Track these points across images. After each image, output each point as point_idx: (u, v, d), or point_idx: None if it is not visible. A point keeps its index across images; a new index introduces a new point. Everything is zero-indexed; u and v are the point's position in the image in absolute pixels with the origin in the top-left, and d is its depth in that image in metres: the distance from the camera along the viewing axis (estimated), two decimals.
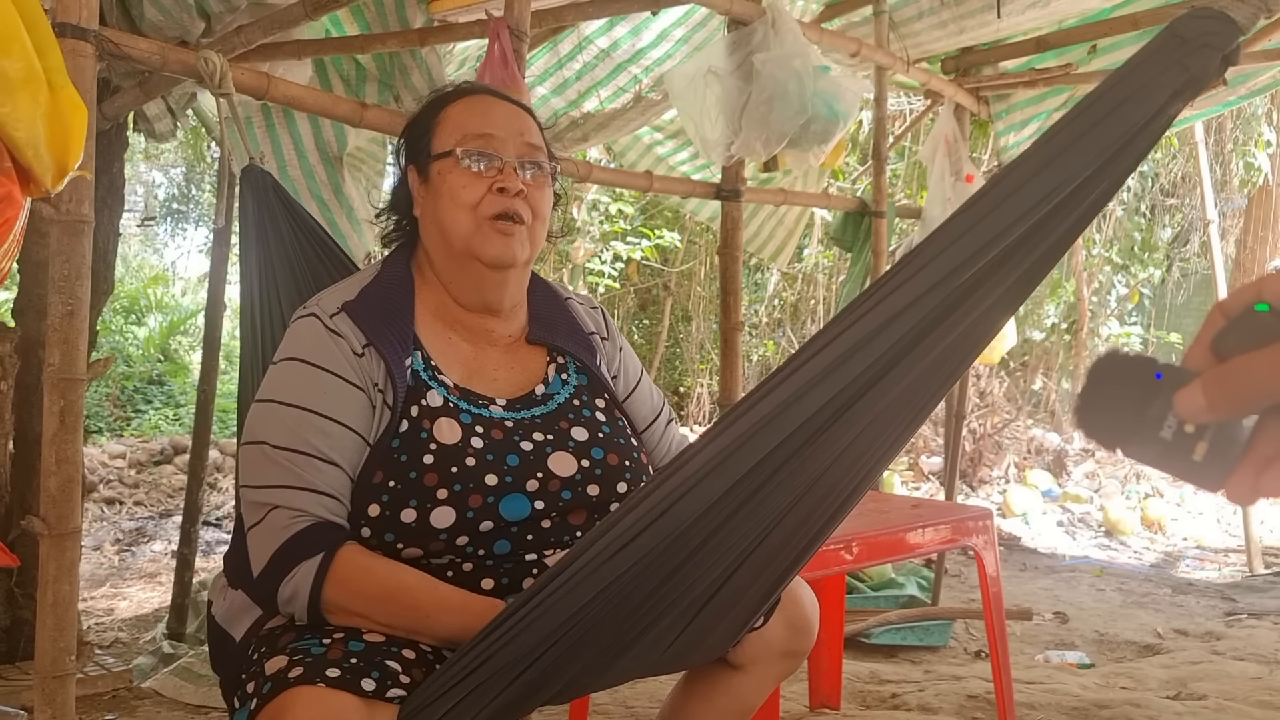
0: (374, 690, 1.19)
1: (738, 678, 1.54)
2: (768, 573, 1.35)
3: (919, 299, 1.09)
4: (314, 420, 1.36)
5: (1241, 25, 1.03)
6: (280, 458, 1.34)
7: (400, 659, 1.27)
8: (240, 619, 1.42)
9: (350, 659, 1.23)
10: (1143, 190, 9.10)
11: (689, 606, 1.29)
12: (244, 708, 1.23)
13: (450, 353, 1.49)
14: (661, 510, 1.16)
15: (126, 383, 8.92)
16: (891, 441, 1.29)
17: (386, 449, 1.36)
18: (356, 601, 1.30)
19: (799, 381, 1.13)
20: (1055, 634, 4.13)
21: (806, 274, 9.16)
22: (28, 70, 1.11)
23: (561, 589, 1.18)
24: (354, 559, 1.32)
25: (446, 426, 1.39)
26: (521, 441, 1.43)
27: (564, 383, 1.54)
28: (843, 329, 1.12)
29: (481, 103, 1.55)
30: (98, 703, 2.97)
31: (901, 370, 1.14)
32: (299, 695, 1.17)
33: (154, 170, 13.41)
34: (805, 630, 1.57)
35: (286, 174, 3.54)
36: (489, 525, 1.36)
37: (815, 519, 1.32)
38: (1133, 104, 1.05)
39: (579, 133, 4.24)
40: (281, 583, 1.30)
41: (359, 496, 1.36)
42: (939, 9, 3.79)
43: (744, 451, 1.14)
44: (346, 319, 1.43)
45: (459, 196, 1.46)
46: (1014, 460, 7.74)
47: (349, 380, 1.39)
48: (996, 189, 1.09)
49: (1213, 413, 0.58)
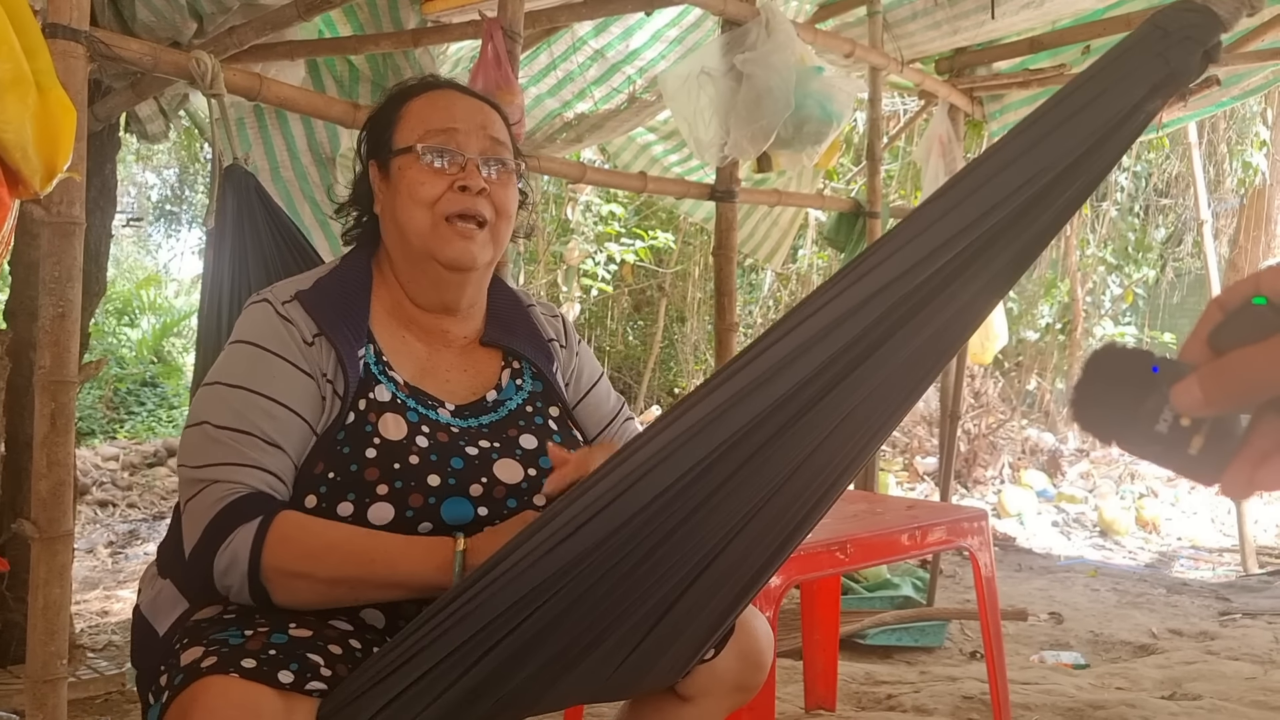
0: (292, 682, 1.13)
1: (685, 710, 1.46)
2: (726, 589, 1.28)
3: (890, 284, 1.05)
4: (260, 402, 1.31)
5: (1224, 20, 1.02)
6: (223, 437, 1.29)
7: (325, 653, 1.21)
8: (167, 611, 1.36)
9: (269, 650, 1.16)
10: (1136, 190, 9.13)
11: (640, 622, 1.22)
12: (157, 703, 1.17)
13: (403, 351, 1.46)
14: (617, 493, 1.10)
15: (119, 385, 8.91)
16: (863, 444, 1.22)
17: (331, 440, 1.32)
18: (297, 560, 1.24)
19: (759, 370, 1.07)
20: (1050, 634, 4.13)
21: (801, 275, 9.17)
22: (16, 72, 1.10)
23: (505, 575, 1.12)
24: (292, 519, 1.26)
25: (392, 422, 1.35)
26: (467, 446, 1.38)
27: (518, 388, 1.50)
28: (811, 312, 1.07)
29: (445, 97, 1.50)
30: (90, 706, 2.96)
31: (876, 361, 1.09)
32: (209, 685, 1.11)
33: (147, 171, 13.39)
34: (757, 665, 1.50)
35: (279, 175, 3.53)
36: (428, 527, 1.32)
37: (780, 527, 1.25)
38: (1112, 95, 1.04)
39: (573, 134, 4.24)
40: (218, 551, 1.24)
41: (298, 486, 1.32)
42: (933, 10, 3.80)
43: (708, 433, 1.08)
44: (299, 307, 1.39)
45: (417, 193, 1.42)
46: (1009, 461, 7.75)
47: (298, 366, 1.35)
48: (970, 176, 1.07)
49: (1209, 407, 0.58)
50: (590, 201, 8.41)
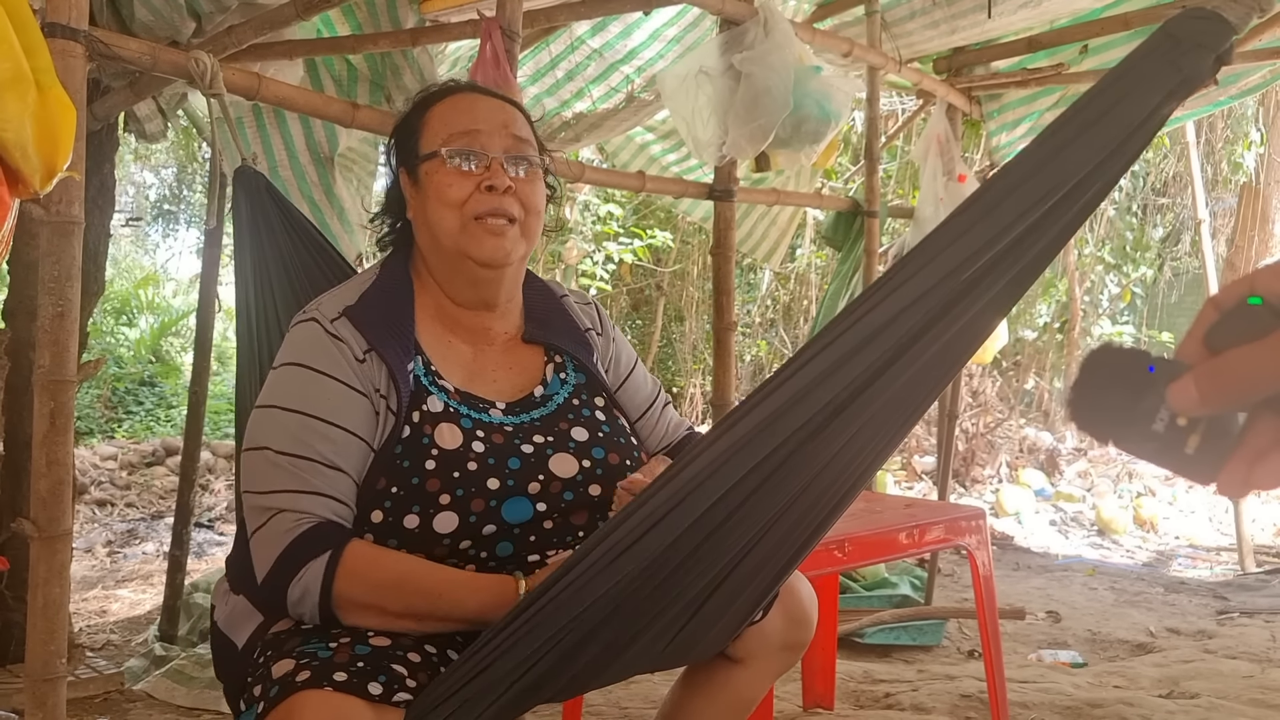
0: (381, 694, 1.19)
1: (737, 671, 1.55)
2: (766, 570, 1.36)
3: (915, 302, 1.09)
4: (318, 426, 1.35)
5: (1235, 25, 1.03)
6: (284, 463, 1.33)
7: (406, 662, 1.27)
8: (243, 625, 1.41)
9: (357, 662, 1.22)
10: (1134, 190, 9.13)
11: (689, 604, 1.29)
12: (250, 710, 1.23)
13: (450, 356, 1.49)
14: (662, 514, 1.16)
15: (118, 384, 8.90)
16: (886, 442, 1.30)
17: (390, 455, 1.36)
18: (368, 593, 1.30)
19: (798, 384, 1.13)
20: (1048, 633, 4.14)
21: (799, 274, 9.17)
22: (15, 71, 1.10)
23: (567, 590, 1.18)
24: (361, 552, 1.31)
25: (448, 431, 1.39)
26: (522, 445, 1.43)
27: (562, 382, 1.55)
28: (840, 332, 1.13)
29: (465, 100, 1.54)
30: (89, 705, 2.96)
31: (896, 371, 1.14)
32: (307, 699, 1.16)
33: (145, 171, 13.37)
34: (804, 623, 1.58)
35: (278, 175, 3.53)
36: (491, 529, 1.37)
37: (811, 518, 1.33)
38: (1127, 105, 1.06)
39: (571, 133, 4.24)
40: (290, 584, 1.29)
41: (362, 503, 1.36)
42: (931, 9, 3.80)
43: (743, 454, 1.14)
44: (348, 324, 1.42)
45: (446, 196, 1.45)
46: (1007, 459, 7.75)
47: (352, 386, 1.39)
48: (992, 191, 1.10)
49: (1205, 406, 0.58)
50: (588, 201, 8.41)
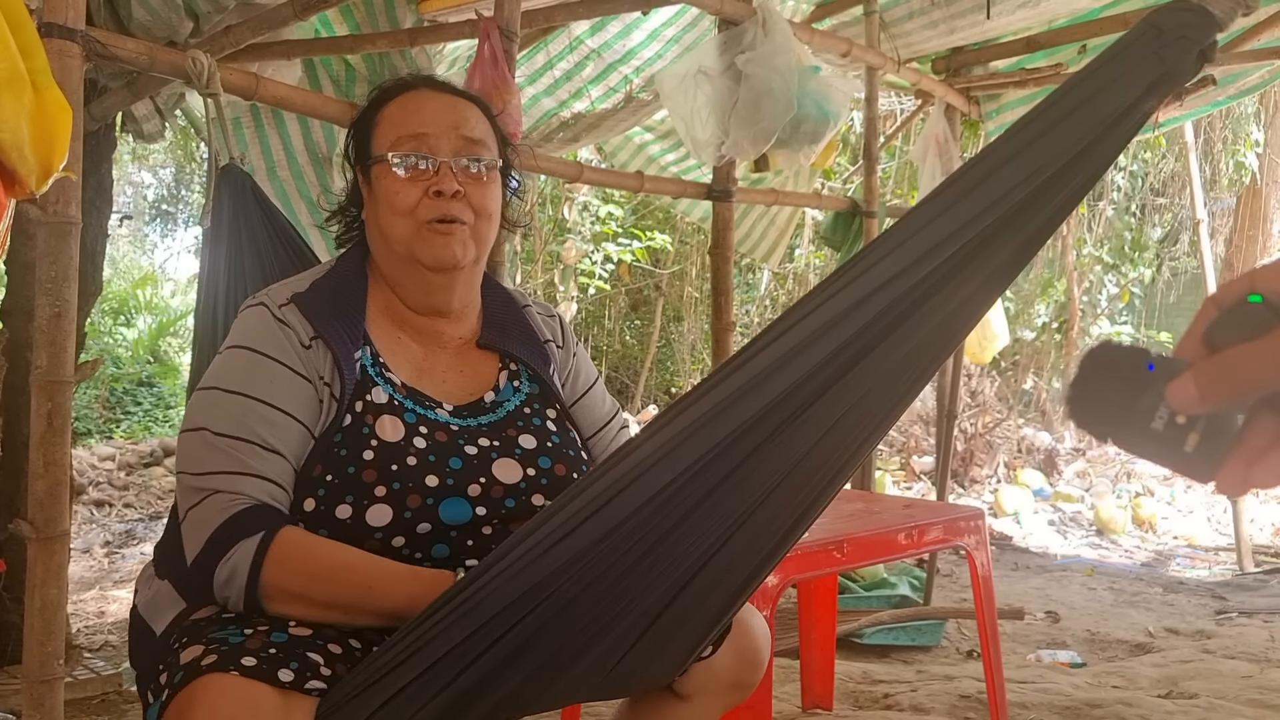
0: (291, 681, 1.13)
1: (682, 709, 1.47)
2: (723, 586, 1.28)
3: (888, 283, 1.05)
4: (259, 408, 1.32)
5: (1220, 20, 1.03)
6: (222, 444, 1.29)
7: (325, 652, 1.21)
8: (164, 611, 1.37)
9: (270, 649, 1.17)
10: (1133, 190, 9.14)
11: (637, 620, 1.22)
12: (156, 701, 1.17)
13: (400, 352, 1.46)
14: (612, 494, 1.10)
15: (116, 384, 8.90)
16: (860, 442, 1.22)
17: (329, 442, 1.33)
18: (297, 581, 1.25)
19: (756, 368, 1.08)
20: (1047, 633, 4.13)
21: (798, 274, 9.17)
22: (11, 71, 1.10)
23: (501, 575, 1.12)
24: (294, 538, 1.27)
25: (390, 424, 1.36)
26: (466, 445, 1.39)
27: (515, 390, 1.51)
28: (808, 312, 1.08)
29: (415, 100, 1.48)
30: (86, 706, 2.95)
31: (874, 360, 1.10)
32: (209, 683, 1.11)
33: (143, 171, 13.37)
34: (755, 663, 1.50)
35: (276, 175, 3.53)
36: (426, 527, 1.32)
37: (777, 525, 1.25)
38: (1108, 94, 1.04)
39: (570, 133, 4.24)
40: (219, 564, 1.24)
41: (297, 489, 1.32)
42: (929, 9, 3.80)
43: (703, 434, 1.08)
44: (295, 310, 1.39)
45: (395, 203, 1.42)
46: (1005, 460, 7.75)
47: (296, 370, 1.35)
48: (965, 176, 1.07)
49: (1204, 404, 0.58)
50: (587, 201, 8.41)
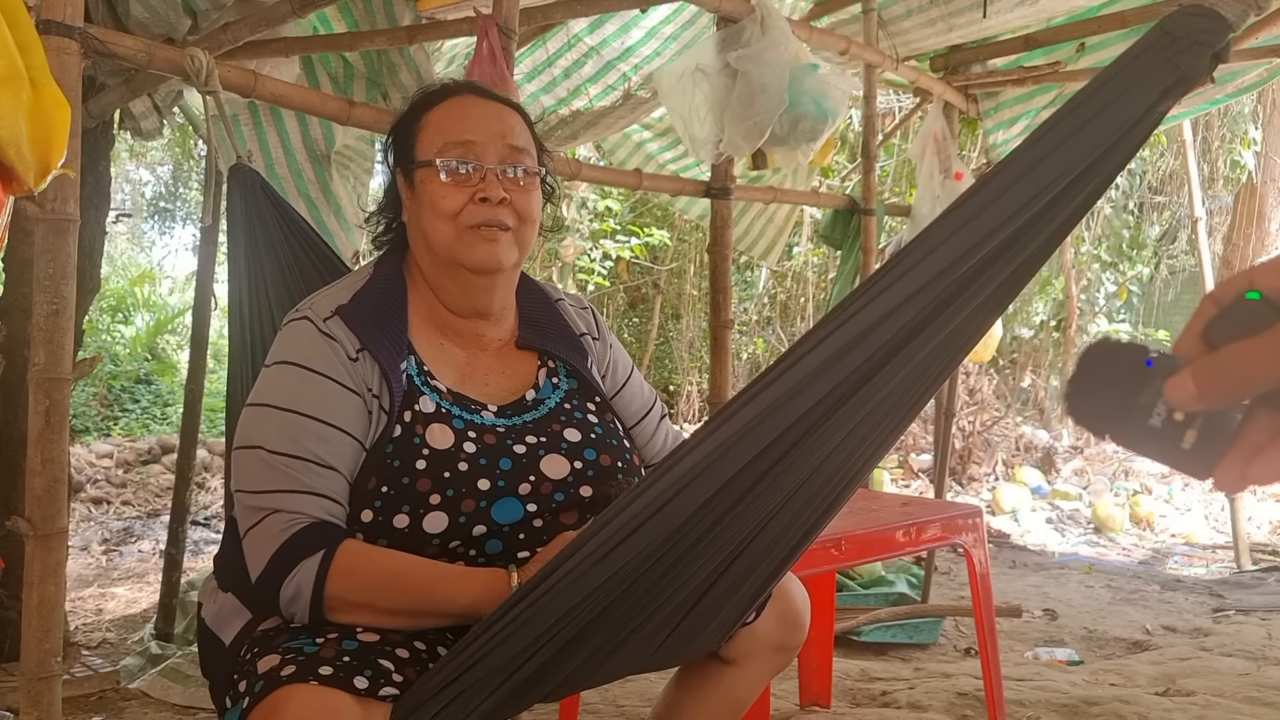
0: (367, 688, 1.18)
1: (730, 672, 1.55)
2: (760, 570, 1.36)
3: (911, 298, 1.09)
4: (311, 425, 1.35)
5: (1232, 22, 1.03)
6: (278, 463, 1.33)
7: (394, 658, 1.27)
8: (231, 622, 1.41)
9: (343, 657, 1.22)
10: (1131, 188, 9.14)
11: (682, 603, 1.29)
12: (235, 707, 1.23)
13: (443, 358, 1.49)
14: (656, 508, 1.16)
15: (114, 382, 8.89)
16: (882, 439, 1.30)
17: (381, 454, 1.36)
18: (359, 592, 1.29)
19: (792, 380, 1.13)
20: (1045, 631, 4.14)
21: (796, 272, 9.18)
22: (9, 68, 1.10)
23: (557, 586, 1.18)
24: (354, 550, 1.31)
25: (439, 432, 1.39)
26: (514, 445, 1.43)
27: (555, 387, 1.54)
28: (834, 328, 1.12)
29: (461, 105, 1.51)
30: (84, 704, 2.95)
31: (893, 369, 1.14)
32: (292, 693, 1.16)
33: (141, 168, 13.36)
34: (797, 625, 1.58)
35: (274, 172, 3.52)
36: (481, 530, 1.37)
37: (806, 516, 1.33)
38: (1124, 101, 1.05)
39: (568, 131, 4.24)
40: (284, 583, 1.29)
41: (353, 502, 1.36)
42: (928, 7, 3.79)
43: (737, 450, 1.14)
44: (340, 323, 1.42)
45: (439, 206, 1.44)
46: (1003, 458, 7.76)
47: (344, 385, 1.38)
48: (988, 187, 1.09)
49: (1202, 401, 0.58)
50: (585, 198, 8.41)
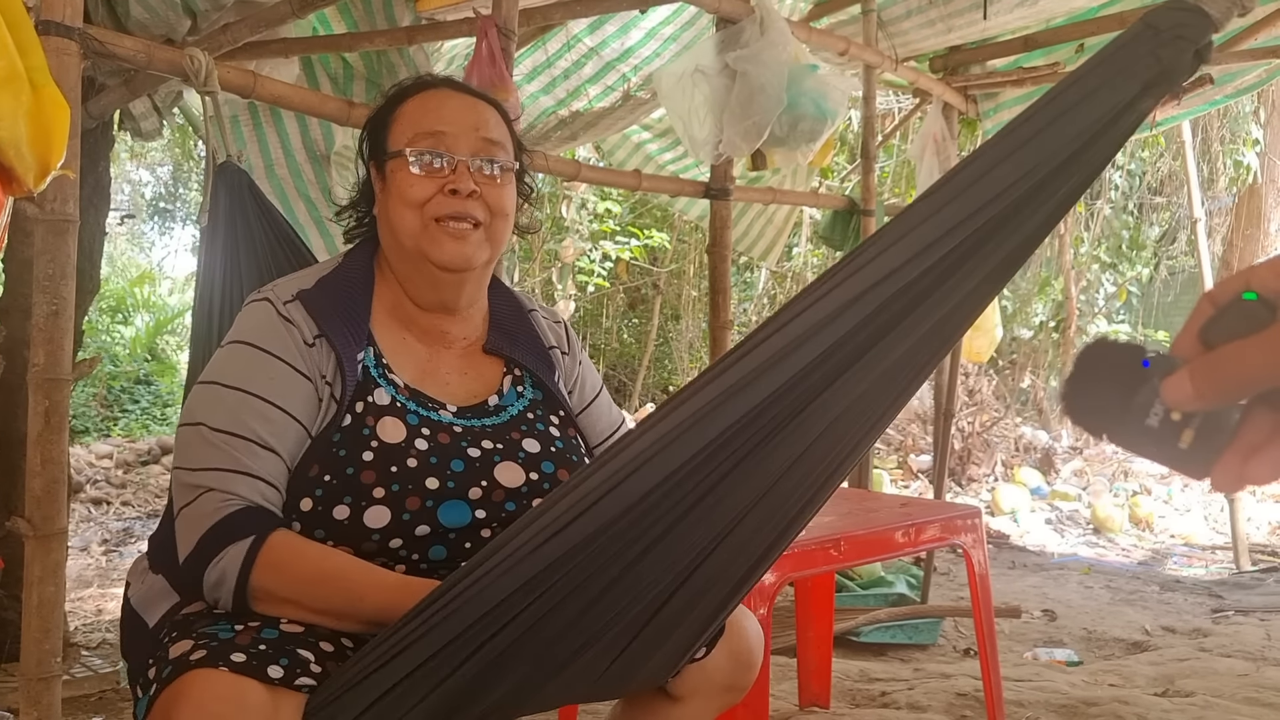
0: (281, 677, 1.13)
1: (675, 710, 1.46)
2: (716, 589, 1.26)
3: (883, 280, 1.04)
4: (256, 404, 1.31)
5: (1215, 20, 1.03)
6: (218, 440, 1.29)
7: (316, 649, 1.21)
8: (157, 604, 1.37)
9: (259, 645, 1.17)
10: (1130, 189, 9.15)
11: (631, 622, 1.20)
12: (145, 695, 1.17)
13: (404, 352, 1.45)
14: (597, 498, 1.08)
15: (113, 382, 8.90)
16: (856, 442, 1.20)
17: (327, 443, 1.32)
18: (286, 586, 1.24)
19: (751, 365, 1.06)
20: (1044, 631, 4.14)
21: (796, 272, 9.18)
22: (9, 69, 1.10)
23: (491, 573, 1.10)
24: (285, 542, 1.26)
25: (391, 425, 1.35)
26: (469, 448, 1.38)
27: (519, 395, 1.50)
28: (802, 309, 1.06)
29: (435, 98, 1.49)
30: (84, 704, 2.95)
31: (870, 359, 1.08)
32: (198, 678, 1.11)
33: (141, 169, 13.37)
34: (748, 664, 1.50)
35: (274, 173, 3.53)
36: (425, 530, 1.31)
37: (771, 526, 1.23)
38: (1104, 92, 1.04)
39: (567, 131, 4.24)
40: (209, 566, 1.24)
41: (293, 489, 1.31)
42: (927, 8, 3.80)
43: (690, 437, 1.06)
44: (300, 307, 1.39)
45: (407, 195, 1.42)
46: (1002, 458, 7.76)
47: (297, 368, 1.35)
48: (963, 173, 1.06)
49: (1200, 401, 0.58)
50: (585, 199, 8.41)
